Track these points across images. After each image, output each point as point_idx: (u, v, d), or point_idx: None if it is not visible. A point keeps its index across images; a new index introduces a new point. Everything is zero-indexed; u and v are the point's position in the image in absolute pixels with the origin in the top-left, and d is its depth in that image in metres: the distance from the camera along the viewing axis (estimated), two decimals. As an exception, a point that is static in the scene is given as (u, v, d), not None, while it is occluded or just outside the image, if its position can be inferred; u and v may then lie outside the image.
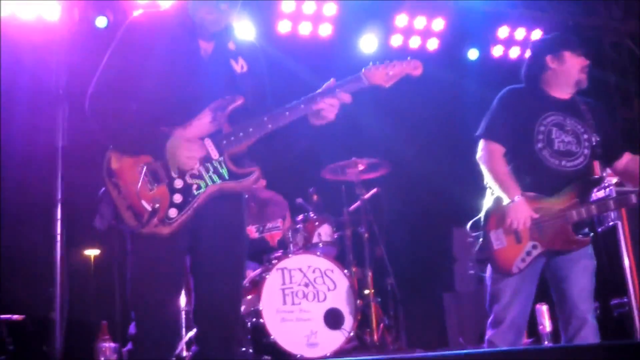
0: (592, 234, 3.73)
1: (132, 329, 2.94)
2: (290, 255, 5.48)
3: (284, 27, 7.24)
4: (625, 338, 5.00)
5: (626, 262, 5.11)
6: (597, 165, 5.35)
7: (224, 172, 2.94)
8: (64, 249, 2.58)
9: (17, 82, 5.76)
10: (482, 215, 3.86)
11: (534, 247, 3.68)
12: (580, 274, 3.70)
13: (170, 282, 2.95)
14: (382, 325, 5.71)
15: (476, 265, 3.88)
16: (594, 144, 3.80)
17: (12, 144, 5.59)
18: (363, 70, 3.07)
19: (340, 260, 5.75)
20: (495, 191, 3.80)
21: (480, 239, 3.80)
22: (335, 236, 5.91)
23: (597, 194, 5.20)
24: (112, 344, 5.15)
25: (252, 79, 3.10)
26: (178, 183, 2.90)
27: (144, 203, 2.85)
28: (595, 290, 3.76)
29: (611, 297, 5.25)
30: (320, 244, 5.75)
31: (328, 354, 5.15)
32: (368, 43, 7.61)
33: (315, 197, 6.08)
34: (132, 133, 2.92)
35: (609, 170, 4.25)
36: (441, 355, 1.70)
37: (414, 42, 7.74)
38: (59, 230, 2.54)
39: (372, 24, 7.62)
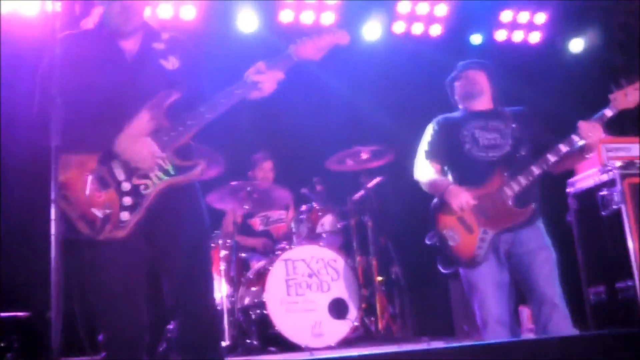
0: (533, 205, 3.98)
1: (100, 337, 2.95)
2: (293, 246, 5.49)
3: (286, 16, 7.22)
4: (630, 322, 4.98)
5: (630, 245, 5.09)
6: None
7: (169, 168, 2.98)
8: (58, 249, 2.58)
9: (18, 80, 5.78)
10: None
11: (485, 232, 3.97)
12: (542, 264, 3.94)
13: (133, 283, 2.97)
14: (387, 314, 5.72)
15: (444, 267, 4.07)
16: (516, 134, 4.10)
17: (13, 142, 5.62)
18: (291, 46, 3.14)
19: (345, 249, 5.75)
20: (434, 195, 4.15)
21: (437, 244, 4.06)
22: (340, 226, 5.90)
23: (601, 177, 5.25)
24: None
25: (186, 74, 3.14)
26: (126, 186, 2.93)
27: (94, 210, 2.88)
28: (602, 275, 3.90)
29: (616, 280, 5.22)
30: (324, 234, 5.76)
31: (333, 344, 5.17)
32: (371, 30, 7.57)
33: (319, 187, 6.08)
34: (75, 139, 2.87)
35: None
36: (440, 348, 1.71)
37: (417, 29, 7.68)
38: (53, 231, 2.54)
39: (375, 12, 7.56)
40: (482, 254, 3.94)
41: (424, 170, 4.23)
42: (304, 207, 5.92)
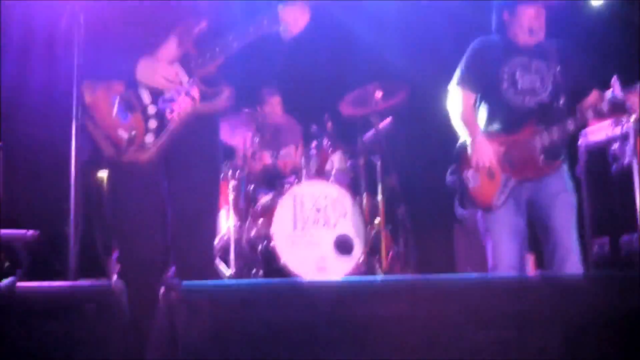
0: (562, 157, 3.94)
1: (115, 254, 3.04)
2: (302, 181, 5.52)
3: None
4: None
5: (639, 200, 5.10)
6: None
7: (195, 94, 2.98)
8: (78, 166, 2.63)
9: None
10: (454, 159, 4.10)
11: (507, 179, 3.91)
12: (561, 208, 3.89)
13: (150, 206, 3.00)
14: (391, 253, 5.77)
15: (460, 207, 4.06)
16: (558, 80, 3.96)
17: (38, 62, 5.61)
18: None
19: (353, 188, 5.77)
20: (461, 135, 4.06)
21: (457, 182, 4.02)
22: (349, 164, 5.91)
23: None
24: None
25: (218, 2, 3.13)
26: (151, 109, 2.95)
27: (120, 132, 2.91)
28: (607, 227, 3.90)
29: (621, 233, 5.25)
30: (333, 172, 5.77)
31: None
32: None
33: (329, 125, 6.06)
34: (103, 61, 2.95)
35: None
36: (442, 278, 1.74)
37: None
38: (73, 146, 2.58)
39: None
40: (501, 200, 3.89)
41: (456, 101, 4.08)
42: (313, 144, 5.92)
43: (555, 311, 1.90)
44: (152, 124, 2.94)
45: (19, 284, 1.32)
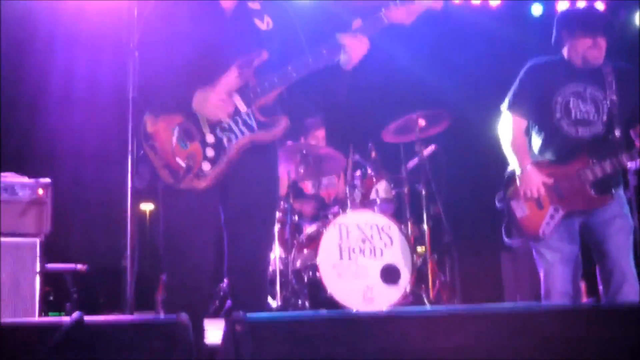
0: (614, 190, 3.83)
1: (164, 278, 3.07)
2: (347, 211, 5.51)
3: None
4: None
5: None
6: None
7: (253, 123, 3.02)
8: (133, 200, 2.68)
9: (82, 32, 5.83)
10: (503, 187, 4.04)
11: (556, 210, 3.84)
12: (616, 233, 3.82)
13: (202, 232, 3.06)
14: (438, 281, 5.72)
15: (507, 236, 4.00)
16: (614, 111, 3.87)
17: (81, 94, 5.71)
18: (383, 10, 3.05)
19: (398, 217, 5.75)
20: (511, 162, 4.00)
21: (504, 211, 3.97)
22: (393, 193, 5.89)
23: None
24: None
25: (279, 35, 3.17)
26: (210, 138, 3.01)
27: (178, 160, 2.99)
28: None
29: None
30: (378, 201, 5.75)
31: (384, 309, 5.19)
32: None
33: (373, 154, 6.06)
34: (163, 94, 3.03)
35: None
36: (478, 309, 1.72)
37: (476, -1, 7.60)
38: (129, 183, 2.62)
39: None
40: (548, 231, 3.83)
41: (507, 126, 4.01)
42: (358, 173, 5.92)
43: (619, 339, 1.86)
44: (210, 152, 2.99)
45: (87, 317, 1.33)
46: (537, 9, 7.77)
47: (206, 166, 2.99)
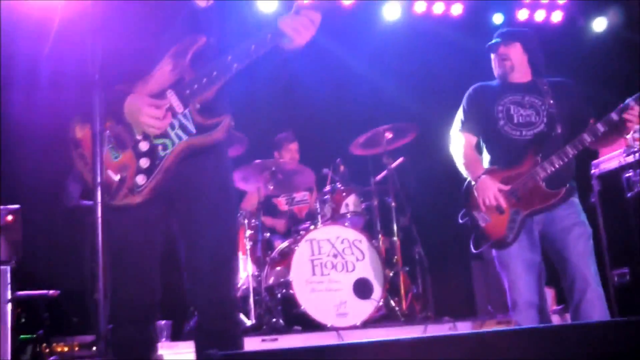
0: (567, 186, 3.96)
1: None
2: (318, 226, 5.52)
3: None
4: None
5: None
6: None
7: (191, 126, 2.67)
8: (104, 231, 2.44)
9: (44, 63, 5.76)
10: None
11: (516, 212, 3.97)
12: (576, 239, 3.92)
13: (143, 251, 2.72)
14: (410, 294, 5.76)
15: (475, 247, 4.09)
16: (553, 112, 4.05)
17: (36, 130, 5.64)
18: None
19: (368, 230, 5.78)
20: (466, 176, 4.14)
21: (469, 222, 4.08)
22: (363, 206, 5.93)
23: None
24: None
25: (218, 14, 2.81)
26: (143, 146, 2.66)
27: (110, 173, 2.62)
28: (626, 257, 3.89)
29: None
30: (348, 215, 5.78)
31: (358, 324, 5.21)
32: (391, 10, 7.54)
33: (342, 168, 6.10)
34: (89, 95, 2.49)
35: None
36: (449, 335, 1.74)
37: (438, 8, 7.66)
38: (99, 214, 2.39)
39: (396, -9, 7.55)
40: (513, 234, 3.93)
41: (458, 145, 4.19)
42: (327, 188, 5.94)
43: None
44: (144, 162, 2.65)
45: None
46: (498, 18, 7.87)
47: (141, 179, 2.62)
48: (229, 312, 2.78)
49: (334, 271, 5.34)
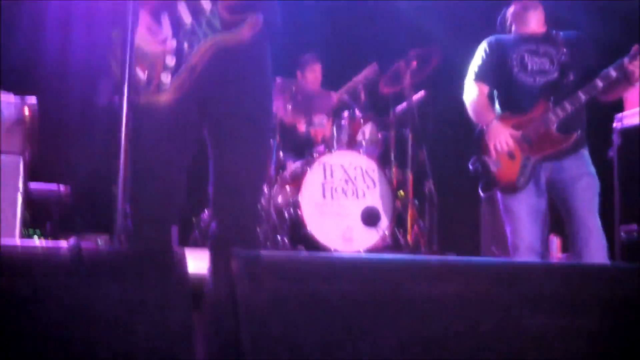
0: (579, 132, 3.94)
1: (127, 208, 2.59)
2: (333, 151, 5.50)
3: None
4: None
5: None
6: None
7: (217, 23, 2.54)
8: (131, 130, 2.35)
9: None
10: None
11: (527, 158, 3.97)
12: (583, 190, 3.92)
13: (172, 155, 2.65)
14: (416, 227, 5.77)
15: (484, 191, 4.16)
16: (567, 62, 4.03)
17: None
18: None
19: (382, 160, 5.76)
20: (477, 123, 4.14)
21: (479, 168, 4.08)
22: (379, 136, 5.89)
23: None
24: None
25: None
26: (171, 43, 2.57)
27: (137, 70, 2.53)
28: (636, 214, 3.89)
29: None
30: (364, 143, 5.75)
31: (362, 251, 5.25)
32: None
33: (362, 95, 6.04)
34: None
35: None
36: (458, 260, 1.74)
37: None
38: (124, 110, 2.30)
39: None
40: (523, 180, 3.95)
41: (471, 93, 4.18)
42: (345, 114, 5.89)
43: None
44: (169, 60, 2.55)
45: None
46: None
47: (165, 77, 2.54)
48: (252, 227, 2.74)
49: (344, 197, 5.35)
